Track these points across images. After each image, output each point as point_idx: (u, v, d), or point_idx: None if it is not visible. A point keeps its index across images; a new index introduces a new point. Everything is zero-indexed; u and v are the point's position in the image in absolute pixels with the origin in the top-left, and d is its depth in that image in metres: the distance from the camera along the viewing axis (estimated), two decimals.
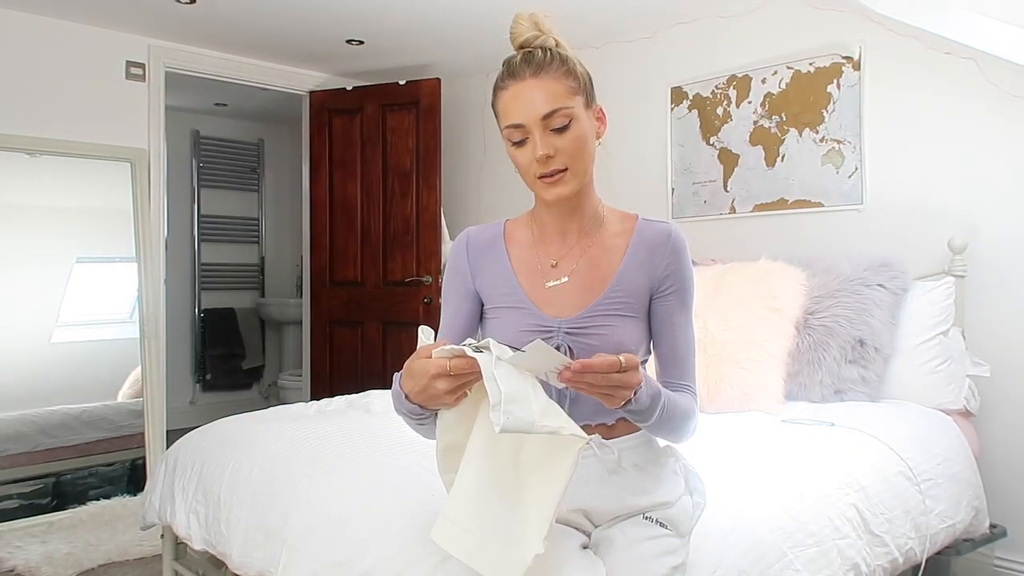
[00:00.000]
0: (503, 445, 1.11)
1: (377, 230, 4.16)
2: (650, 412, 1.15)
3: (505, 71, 1.26)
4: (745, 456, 1.87)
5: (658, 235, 1.34)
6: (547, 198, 1.26)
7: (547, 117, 1.21)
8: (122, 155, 3.64)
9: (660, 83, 3.53)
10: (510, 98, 1.24)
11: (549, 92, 1.21)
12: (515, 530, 1.08)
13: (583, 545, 1.23)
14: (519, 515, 1.09)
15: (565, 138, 1.22)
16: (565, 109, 1.22)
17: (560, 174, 1.23)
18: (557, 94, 1.22)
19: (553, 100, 1.21)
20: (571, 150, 1.23)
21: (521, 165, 1.26)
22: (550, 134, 1.22)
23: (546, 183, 1.24)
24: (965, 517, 2.15)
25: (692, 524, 1.31)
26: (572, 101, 1.23)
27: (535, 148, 1.22)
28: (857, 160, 2.92)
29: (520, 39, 1.26)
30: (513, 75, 1.24)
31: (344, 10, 3.37)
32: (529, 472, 1.10)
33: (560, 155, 1.22)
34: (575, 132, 1.23)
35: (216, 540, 1.88)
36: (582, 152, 1.25)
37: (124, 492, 3.53)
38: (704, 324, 2.52)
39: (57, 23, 3.47)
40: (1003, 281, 2.60)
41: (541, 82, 1.22)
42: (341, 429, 2.07)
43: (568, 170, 1.24)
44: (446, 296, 1.39)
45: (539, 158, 1.22)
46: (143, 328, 3.65)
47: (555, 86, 1.22)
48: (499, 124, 1.29)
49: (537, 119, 1.21)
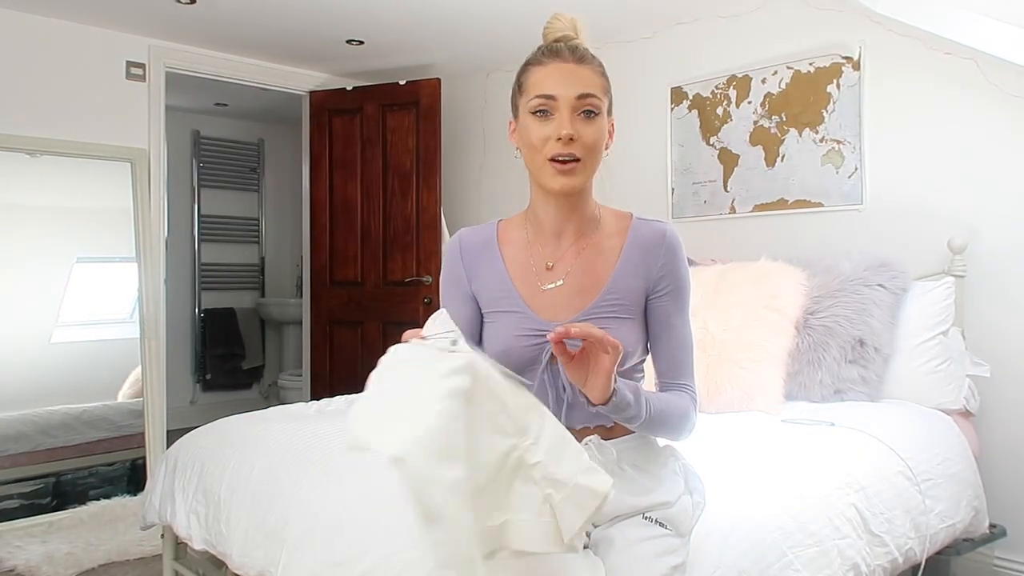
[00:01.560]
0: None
1: (377, 230, 4.16)
2: (637, 407, 1.15)
3: (544, 50, 1.27)
4: (745, 456, 1.87)
5: (653, 235, 1.33)
6: (553, 186, 1.25)
7: (581, 98, 1.23)
8: (122, 155, 3.64)
9: (660, 83, 3.53)
10: (547, 73, 1.25)
11: (589, 78, 1.25)
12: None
13: (583, 545, 1.23)
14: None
15: (590, 127, 1.24)
16: (598, 99, 1.25)
17: (574, 163, 1.23)
18: (596, 84, 1.26)
19: (591, 85, 1.24)
20: (591, 141, 1.24)
21: (536, 141, 1.24)
22: (578, 117, 1.23)
23: (557, 169, 1.23)
24: (965, 517, 2.15)
25: (692, 524, 1.31)
26: (603, 98, 1.27)
27: (560, 125, 1.22)
28: (857, 160, 2.92)
29: (557, 34, 1.29)
30: (556, 54, 1.26)
31: (344, 10, 3.37)
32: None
33: (580, 142, 1.23)
34: (598, 125, 1.25)
35: (216, 540, 1.88)
36: (598, 148, 1.26)
37: (124, 492, 3.53)
38: (704, 324, 2.52)
39: (57, 23, 3.47)
40: (1003, 281, 2.60)
41: (584, 68, 1.25)
42: (341, 429, 2.07)
43: (581, 161, 1.24)
44: (444, 303, 1.37)
45: (563, 136, 1.21)
46: (143, 328, 3.65)
47: (595, 77, 1.26)
48: (518, 97, 1.29)
49: (572, 96, 1.23)
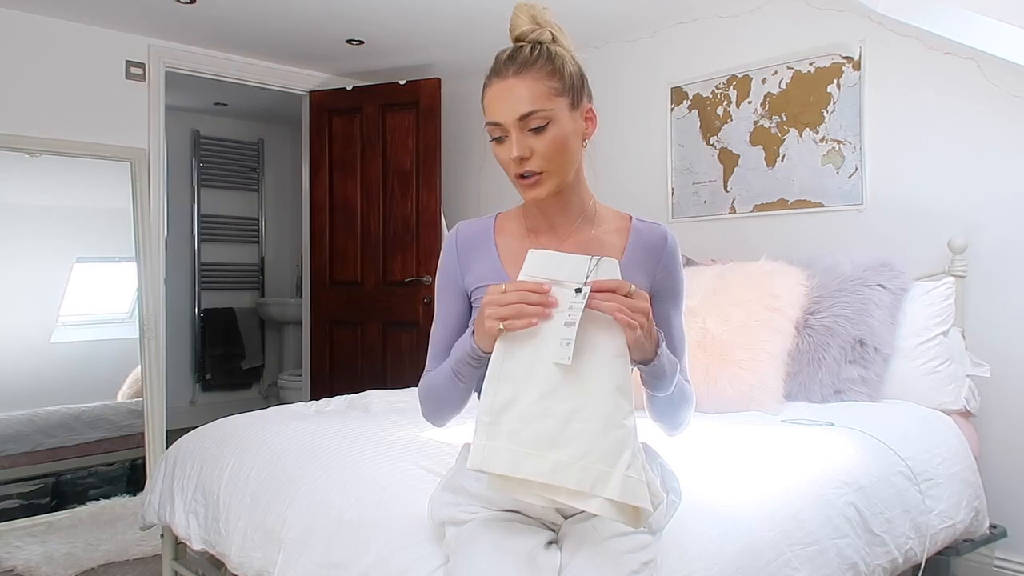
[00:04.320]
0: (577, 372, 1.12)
1: (377, 230, 4.16)
2: (672, 369, 1.24)
3: (493, 65, 1.27)
4: (745, 456, 1.87)
5: (655, 237, 1.35)
6: (527, 198, 1.28)
7: (524, 118, 1.22)
8: (122, 155, 3.64)
9: (660, 83, 3.53)
10: (492, 95, 1.25)
11: (529, 92, 1.21)
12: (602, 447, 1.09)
13: (549, 541, 1.23)
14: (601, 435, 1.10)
15: (542, 140, 1.23)
16: (543, 111, 1.21)
17: (536, 176, 1.24)
18: (537, 95, 1.21)
19: (532, 101, 1.21)
20: (547, 152, 1.23)
21: (501, 162, 1.27)
22: (527, 134, 1.22)
23: (523, 185, 1.26)
24: (965, 517, 2.15)
25: (665, 521, 1.32)
26: (552, 103, 1.22)
27: (510, 149, 1.23)
28: (857, 160, 2.92)
29: (516, 31, 1.27)
30: (497, 73, 1.25)
31: (344, 10, 3.37)
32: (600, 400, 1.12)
33: (536, 157, 1.23)
34: (552, 134, 1.23)
35: (215, 540, 1.88)
36: (560, 154, 1.24)
37: (124, 492, 3.53)
38: (704, 324, 2.52)
39: (57, 23, 3.47)
40: (1003, 281, 2.60)
41: (522, 81, 1.22)
42: (340, 429, 2.07)
43: (544, 173, 1.24)
44: (439, 297, 1.39)
45: (514, 159, 1.23)
46: (143, 328, 3.65)
47: (536, 87, 1.22)
48: None
49: (514, 119, 1.22)
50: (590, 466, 1.08)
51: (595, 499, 1.08)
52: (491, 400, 1.14)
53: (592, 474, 1.08)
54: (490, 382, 1.15)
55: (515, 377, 1.13)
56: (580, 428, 1.10)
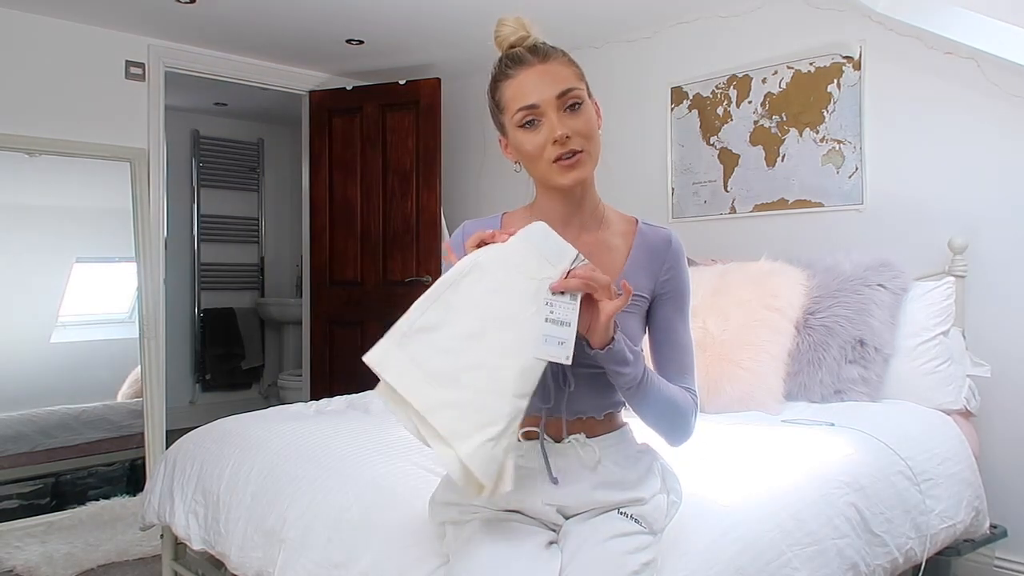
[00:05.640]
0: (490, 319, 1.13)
1: (377, 230, 4.16)
2: (635, 367, 1.18)
3: (507, 62, 1.27)
4: (745, 456, 1.87)
5: (660, 240, 1.35)
6: (564, 183, 1.25)
7: (561, 96, 1.22)
8: (122, 155, 3.63)
9: (660, 83, 3.53)
10: (519, 84, 1.24)
11: (560, 74, 1.24)
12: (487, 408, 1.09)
13: (550, 541, 1.23)
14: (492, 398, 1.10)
15: (579, 119, 1.24)
16: (577, 90, 1.24)
17: (578, 155, 1.23)
18: (567, 76, 1.25)
19: (566, 79, 1.24)
20: (585, 131, 1.24)
21: (533, 151, 1.24)
22: (565, 114, 1.23)
23: (563, 167, 1.24)
24: (965, 517, 2.15)
25: (666, 522, 1.32)
26: (580, 84, 1.26)
27: (551, 129, 1.22)
28: (857, 160, 2.92)
29: (509, 39, 1.28)
30: (520, 62, 1.25)
31: (344, 10, 3.37)
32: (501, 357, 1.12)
33: (575, 136, 1.23)
34: (587, 114, 1.25)
35: (215, 540, 1.88)
36: (594, 134, 1.26)
37: (124, 492, 3.53)
38: (704, 324, 2.52)
39: (57, 23, 3.47)
40: (1003, 281, 2.60)
41: (550, 67, 1.24)
42: (340, 429, 2.07)
43: (584, 151, 1.24)
44: None
45: (558, 137, 1.21)
46: (143, 328, 3.65)
47: (563, 70, 1.25)
48: (500, 116, 1.29)
49: (552, 98, 1.22)
50: (462, 418, 1.08)
51: (450, 452, 1.08)
52: (417, 315, 1.14)
53: (458, 427, 1.08)
54: (427, 299, 1.15)
55: (451, 306, 1.14)
56: (475, 381, 1.10)
